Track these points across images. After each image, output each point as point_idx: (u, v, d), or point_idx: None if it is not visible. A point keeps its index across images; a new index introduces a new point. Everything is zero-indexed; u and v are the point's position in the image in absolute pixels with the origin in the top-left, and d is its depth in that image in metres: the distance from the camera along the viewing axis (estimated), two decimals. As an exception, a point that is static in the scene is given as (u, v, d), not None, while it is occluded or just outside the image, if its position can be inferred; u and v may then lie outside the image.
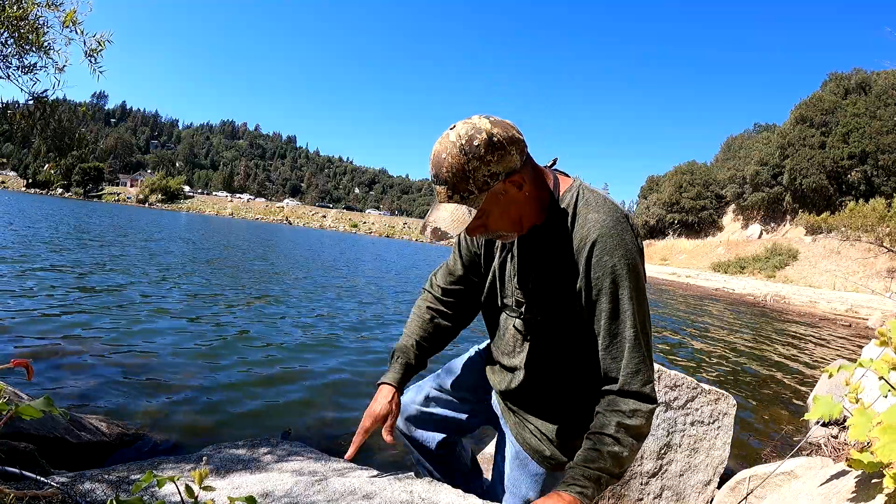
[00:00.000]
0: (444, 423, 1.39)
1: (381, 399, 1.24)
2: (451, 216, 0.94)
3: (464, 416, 1.38)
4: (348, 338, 5.69)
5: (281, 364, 4.39)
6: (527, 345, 1.14)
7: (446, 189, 0.95)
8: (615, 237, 0.97)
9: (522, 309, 1.12)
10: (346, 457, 1.20)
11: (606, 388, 1.02)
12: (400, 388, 1.26)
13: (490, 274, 1.20)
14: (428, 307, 1.32)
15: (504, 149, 0.92)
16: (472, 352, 1.44)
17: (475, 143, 0.91)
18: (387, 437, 1.19)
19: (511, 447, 1.24)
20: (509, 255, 1.14)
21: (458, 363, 1.42)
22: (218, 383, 3.72)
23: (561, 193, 1.05)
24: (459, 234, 1.10)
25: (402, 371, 1.27)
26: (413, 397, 1.42)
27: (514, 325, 1.15)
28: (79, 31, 2.53)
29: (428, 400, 1.40)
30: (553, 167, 1.11)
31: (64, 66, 2.56)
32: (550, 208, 1.04)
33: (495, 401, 1.33)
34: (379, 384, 1.28)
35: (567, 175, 1.10)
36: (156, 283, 7.82)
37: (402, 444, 1.44)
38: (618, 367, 1.00)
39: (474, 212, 0.94)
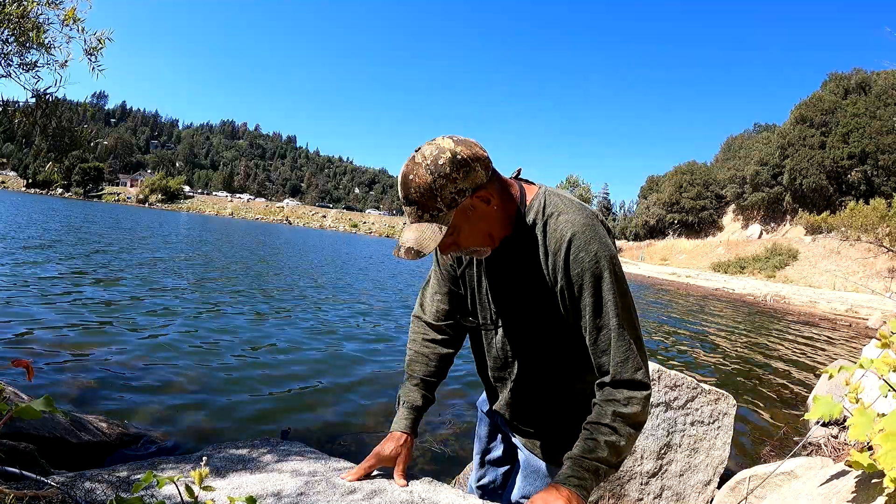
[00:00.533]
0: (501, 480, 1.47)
1: (391, 442, 1.21)
2: (422, 234, 0.96)
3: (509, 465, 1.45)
4: (349, 339, 5.70)
5: (281, 365, 4.39)
6: (514, 356, 1.16)
7: (416, 209, 0.96)
8: (588, 233, 0.99)
9: (500, 322, 1.14)
10: (343, 478, 1.17)
11: (600, 380, 1.04)
12: (413, 431, 1.24)
13: (468, 291, 1.21)
14: (423, 339, 1.29)
15: (469, 165, 0.94)
16: (480, 411, 1.48)
17: (440, 162, 0.93)
18: (400, 481, 1.17)
19: (522, 454, 1.26)
20: (482, 271, 1.15)
21: (480, 428, 1.47)
22: (218, 384, 3.72)
23: (528, 202, 1.06)
24: (434, 253, 1.17)
25: (413, 415, 1.24)
26: (473, 478, 1.51)
27: (498, 340, 1.17)
28: (79, 28, 2.52)
29: (481, 477, 1.48)
30: (518, 177, 1.13)
31: (66, 61, 2.55)
32: (518, 219, 1.05)
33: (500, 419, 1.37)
34: (390, 432, 1.26)
35: (532, 183, 1.12)
36: (156, 284, 7.82)
37: None
38: (607, 360, 1.01)
39: (445, 228, 0.96)
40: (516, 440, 1.28)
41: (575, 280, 0.99)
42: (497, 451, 1.44)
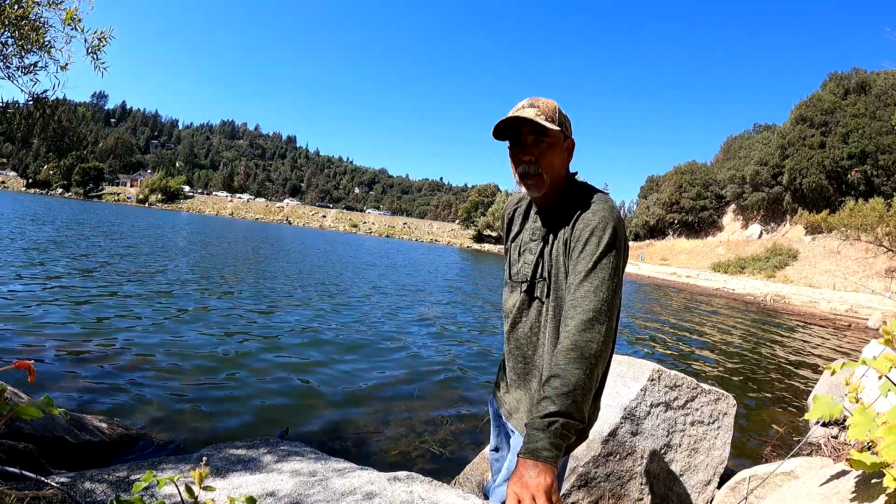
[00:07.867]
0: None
1: None
2: (536, 115, 1.17)
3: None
4: (348, 340, 5.70)
5: (280, 365, 4.39)
6: (532, 311, 1.23)
7: (537, 111, 1.18)
8: (605, 211, 1.12)
9: (527, 277, 1.24)
10: None
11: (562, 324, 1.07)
12: None
13: (509, 251, 1.37)
14: None
15: (568, 120, 1.24)
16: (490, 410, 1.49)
17: (556, 105, 1.22)
18: None
19: (517, 440, 1.27)
20: (524, 231, 1.30)
21: (491, 430, 1.49)
22: (218, 384, 3.72)
23: (577, 186, 1.24)
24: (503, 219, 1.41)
25: None
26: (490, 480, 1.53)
27: (520, 296, 1.26)
28: (80, 28, 2.51)
29: (494, 473, 1.49)
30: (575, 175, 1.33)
31: (66, 64, 2.54)
32: (564, 192, 1.22)
33: (502, 412, 1.39)
34: None
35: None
36: (156, 285, 7.82)
37: None
38: (572, 300, 1.06)
39: (547, 126, 1.15)
40: (516, 430, 1.29)
41: (578, 234, 1.11)
42: (493, 443, 1.46)
